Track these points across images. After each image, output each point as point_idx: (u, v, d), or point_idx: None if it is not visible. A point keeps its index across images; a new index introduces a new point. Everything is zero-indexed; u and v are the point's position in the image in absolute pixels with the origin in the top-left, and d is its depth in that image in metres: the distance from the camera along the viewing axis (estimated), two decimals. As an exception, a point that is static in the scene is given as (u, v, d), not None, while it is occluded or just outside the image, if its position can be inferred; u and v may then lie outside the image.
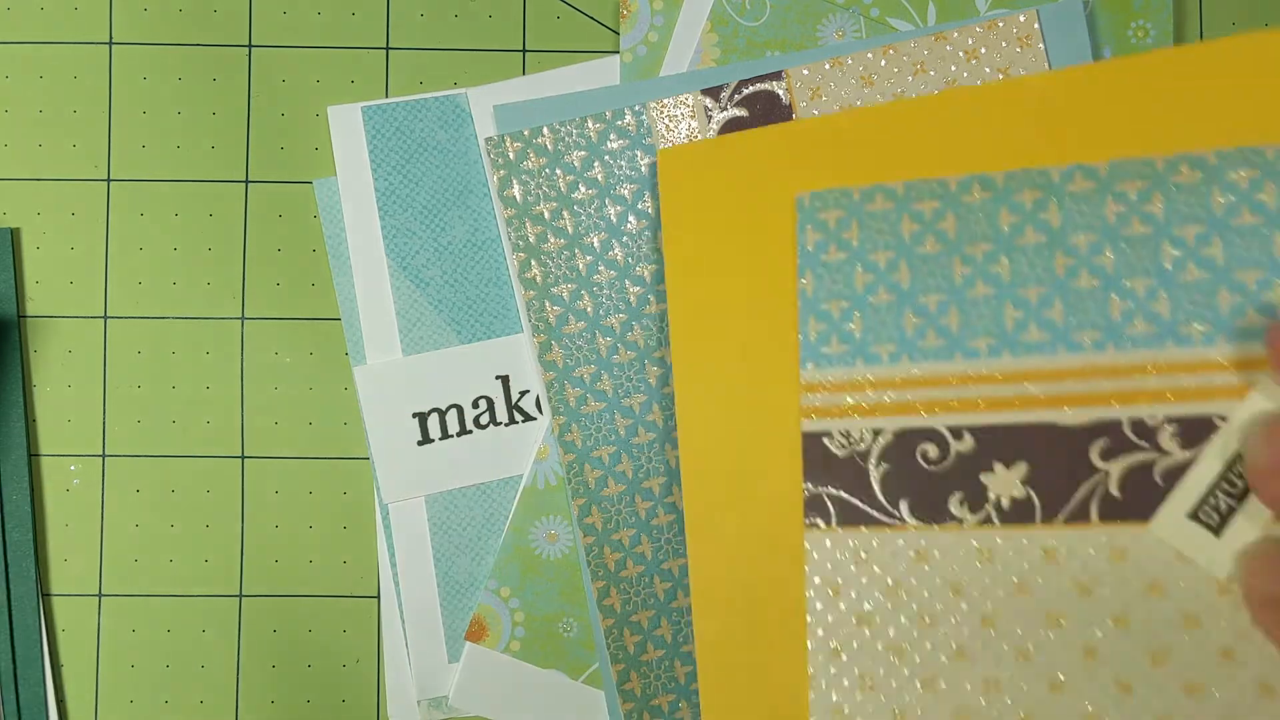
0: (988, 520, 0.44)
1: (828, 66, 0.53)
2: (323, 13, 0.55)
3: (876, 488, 0.45)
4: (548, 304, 0.53)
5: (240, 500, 0.54)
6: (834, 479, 0.46)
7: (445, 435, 0.54)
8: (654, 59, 0.54)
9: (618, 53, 0.55)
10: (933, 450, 0.45)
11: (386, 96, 0.55)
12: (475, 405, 0.54)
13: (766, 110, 0.53)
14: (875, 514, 0.45)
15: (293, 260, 0.55)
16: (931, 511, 0.45)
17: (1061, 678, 0.43)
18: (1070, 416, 0.44)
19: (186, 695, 0.54)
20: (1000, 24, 0.53)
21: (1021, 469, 0.44)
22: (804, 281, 0.46)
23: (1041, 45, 0.53)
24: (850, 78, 0.53)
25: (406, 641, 0.53)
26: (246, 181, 0.55)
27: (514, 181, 0.53)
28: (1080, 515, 0.43)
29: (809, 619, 0.46)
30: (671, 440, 0.53)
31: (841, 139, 0.47)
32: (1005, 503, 0.44)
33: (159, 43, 0.55)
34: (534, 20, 0.55)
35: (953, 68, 0.53)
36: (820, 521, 0.46)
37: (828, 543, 0.46)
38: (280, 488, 0.54)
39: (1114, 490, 0.43)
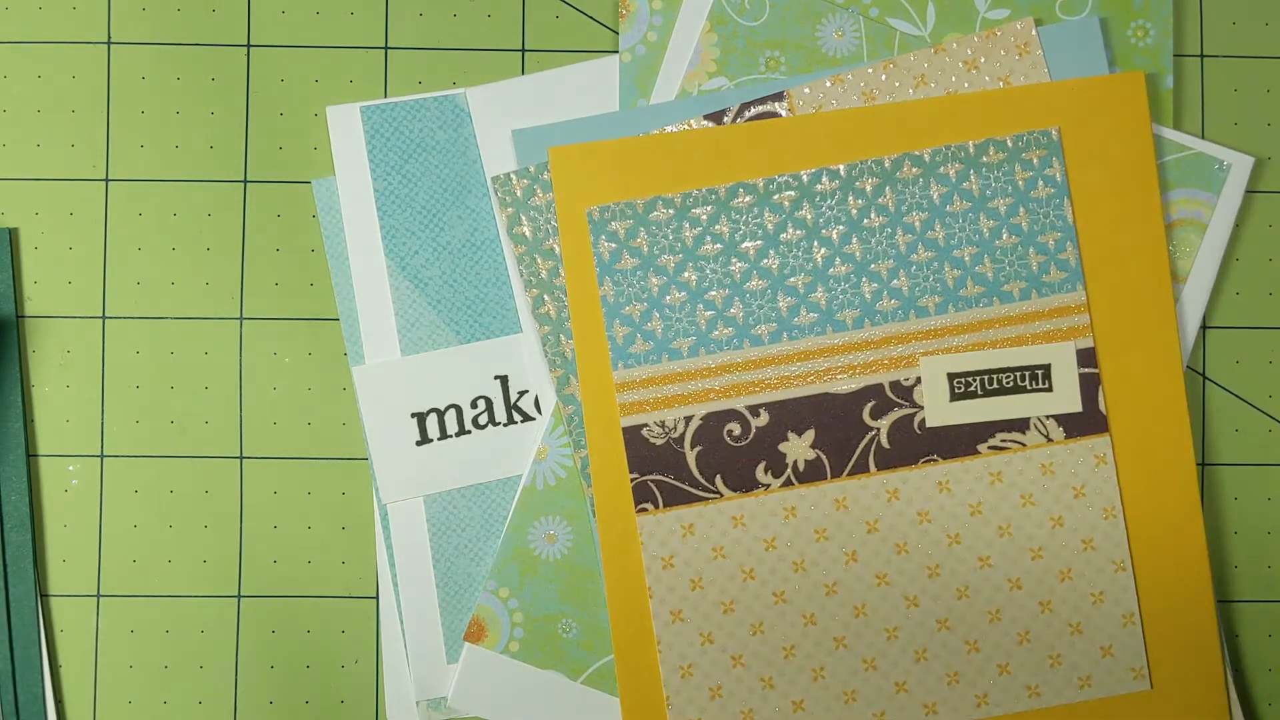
0: (788, 483, 0.52)
1: (829, 84, 0.53)
2: (321, 12, 0.55)
3: (694, 468, 0.52)
4: (563, 338, 0.53)
5: (239, 501, 0.54)
6: (656, 466, 0.52)
7: (444, 435, 0.54)
8: (653, 59, 0.54)
9: (617, 53, 0.54)
10: (737, 428, 0.53)
11: (385, 96, 0.55)
12: (474, 405, 0.54)
13: None
14: (695, 491, 0.52)
15: (291, 260, 0.55)
16: (742, 481, 0.52)
17: (862, 604, 0.52)
18: (843, 385, 0.53)
19: (185, 696, 0.54)
20: (998, 33, 0.53)
21: (810, 435, 0.53)
22: (604, 289, 0.52)
23: (1040, 52, 0.53)
24: (852, 94, 0.53)
25: (405, 642, 0.53)
26: (245, 181, 0.55)
27: (523, 218, 0.53)
28: (861, 467, 0.52)
29: (650, 593, 0.52)
30: None
31: (638, 158, 0.53)
32: (801, 465, 0.53)
33: (157, 42, 0.55)
34: (533, 20, 0.55)
35: (953, 78, 0.53)
36: (649, 506, 0.52)
37: (657, 524, 0.53)
38: (279, 488, 0.54)
39: (884, 443, 0.53)
